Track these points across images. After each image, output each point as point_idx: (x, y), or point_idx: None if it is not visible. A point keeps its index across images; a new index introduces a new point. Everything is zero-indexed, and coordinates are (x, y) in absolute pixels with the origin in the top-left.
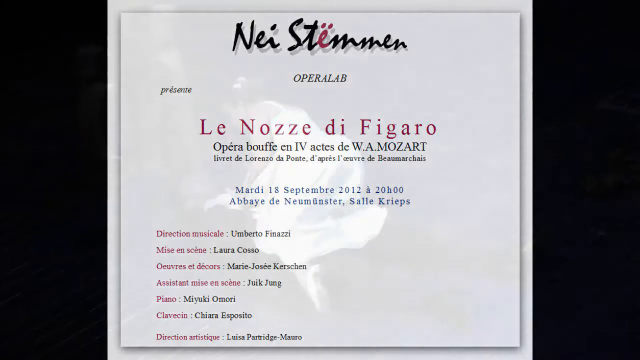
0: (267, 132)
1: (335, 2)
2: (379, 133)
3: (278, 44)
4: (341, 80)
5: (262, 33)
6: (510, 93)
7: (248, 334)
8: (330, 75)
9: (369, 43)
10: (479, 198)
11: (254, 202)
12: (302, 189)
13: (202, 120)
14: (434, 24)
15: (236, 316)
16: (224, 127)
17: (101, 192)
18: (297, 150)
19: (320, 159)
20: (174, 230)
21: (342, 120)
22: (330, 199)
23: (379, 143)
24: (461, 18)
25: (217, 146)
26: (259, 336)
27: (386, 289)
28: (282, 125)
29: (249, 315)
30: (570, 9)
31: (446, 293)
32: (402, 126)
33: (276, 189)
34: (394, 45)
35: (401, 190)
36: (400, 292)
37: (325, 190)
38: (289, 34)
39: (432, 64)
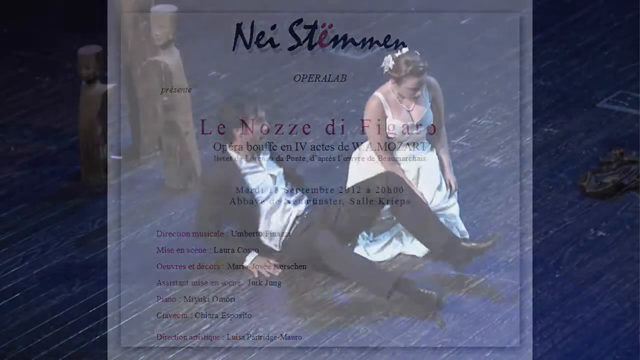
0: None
1: (335, 2)
2: (379, 133)
3: (278, 44)
4: (341, 80)
5: (262, 33)
6: (510, 93)
7: (248, 334)
8: (330, 75)
9: (369, 43)
10: (479, 198)
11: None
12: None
13: (202, 120)
14: (434, 24)
15: (236, 316)
16: (223, 127)
17: (101, 192)
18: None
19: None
20: (173, 230)
21: (342, 120)
22: (331, 199)
23: (378, 143)
24: (461, 18)
25: (217, 146)
26: (259, 336)
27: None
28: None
29: (249, 315)
30: (570, 8)
31: (446, 293)
32: (402, 126)
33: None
34: (394, 45)
35: (401, 191)
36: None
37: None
38: (289, 34)
39: (432, 64)
